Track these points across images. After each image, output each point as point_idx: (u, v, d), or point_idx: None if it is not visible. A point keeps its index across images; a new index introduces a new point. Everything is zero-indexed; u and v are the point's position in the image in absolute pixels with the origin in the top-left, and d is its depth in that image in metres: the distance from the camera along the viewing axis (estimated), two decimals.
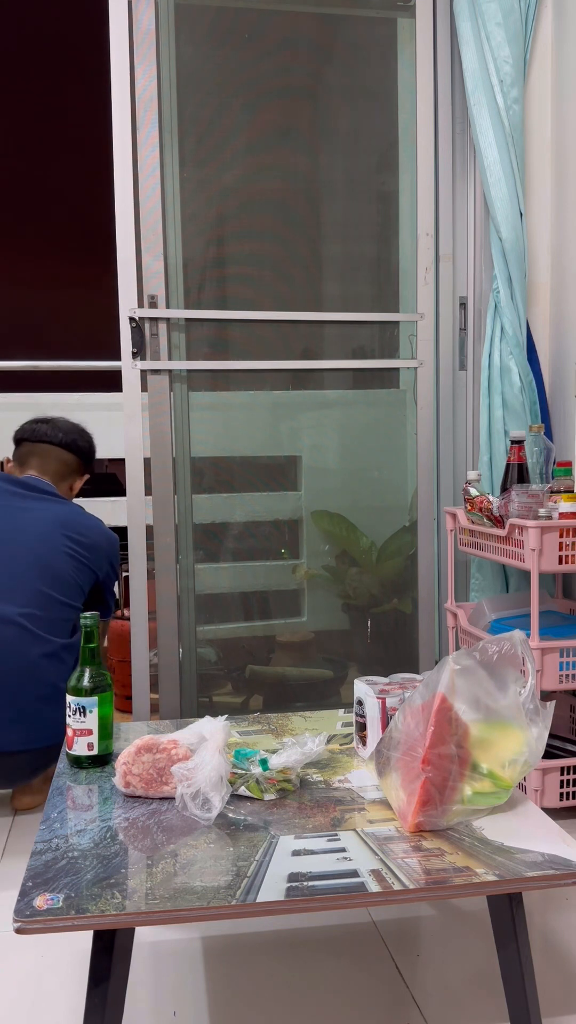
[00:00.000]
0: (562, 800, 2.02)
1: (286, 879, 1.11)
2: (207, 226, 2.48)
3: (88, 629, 1.50)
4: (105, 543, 2.22)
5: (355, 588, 2.68)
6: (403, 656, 2.67)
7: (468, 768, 1.26)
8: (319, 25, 2.51)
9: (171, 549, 2.46)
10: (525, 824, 1.27)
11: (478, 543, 2.26)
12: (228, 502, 2.56)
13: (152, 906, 1.06)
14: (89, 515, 2.25)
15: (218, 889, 1.09)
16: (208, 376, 2.49)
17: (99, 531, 2.23)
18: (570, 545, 1.95)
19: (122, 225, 2.37)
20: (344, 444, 2.61)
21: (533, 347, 2.48)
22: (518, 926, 1.21)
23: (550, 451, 2.26)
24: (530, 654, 1.32)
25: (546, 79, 2.50)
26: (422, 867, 1.14)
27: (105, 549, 2.22)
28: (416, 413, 2.58)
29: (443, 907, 1.69)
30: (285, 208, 2.54)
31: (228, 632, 2.61)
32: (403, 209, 2.59)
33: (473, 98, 2.40)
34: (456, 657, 1.28)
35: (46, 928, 1.04)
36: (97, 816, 1.30)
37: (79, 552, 2.14)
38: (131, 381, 2.41)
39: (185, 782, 1.29)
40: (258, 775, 1.36)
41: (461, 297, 2.58)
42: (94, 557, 2.18)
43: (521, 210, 2.40)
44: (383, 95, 2.57)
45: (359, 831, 1.25)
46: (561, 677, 1.97)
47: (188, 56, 2.42)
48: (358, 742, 1.53)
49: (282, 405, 2.57)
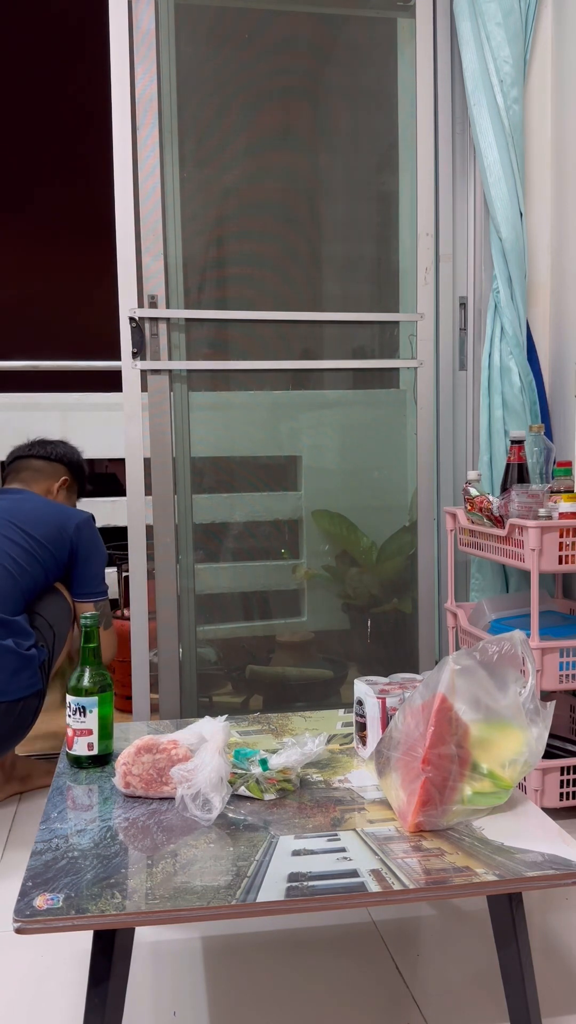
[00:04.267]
0: (562, 800, 2.02)
1: (286, 879, 1.11)
2: (207, 226, 2.48)
3: (88, 629, 1.50)
4: (59, 531, 2.18)
5: (355, 588, 2.68)
6: (403, 656, 2.67)
7: (468, 768, 1.26)
8: (319, 25, 2.51)
9: (171, 549, 2.46)
10: (525, 824, 1.27)
11: (478, 543, 2.26)
12: (228, 502, 2.56)
13: (152, 906, 1.06)
14: (49, 504, 2.23)
15: (218, 889, 1.09)
16: (208, 376, 2.49)
17: (53, 521, 2.19)
18: (570, 545, 1.95)
19: (122, 225, 2.37)
20: (344, 444, 2.61)
21: (533, 347, 2.48)
22: (518, 926, 1.21)
23: (550, 451, 2.26)
24: (530, 654, 1.32)
25: (546, 79, 2.50)
26: (422, 867, 1.14)
27: (67, 534, 2.19)
28: (416, 413, 2.58)
29: (443, 907, 1.69)
30: (285, 208, 2.54)
31: (228, 632, 2.61)
32: (403, 209, 2.59)
33: (473, 98, 2.40)
34: (456, 657, 1.28)
35: (46, 928, 1.04)
36: (97, 816, 1.30)
37: (29, 544, 2.12)
38: (131, 381, 2.41)
39: (185, 783, 1.29)
40: (258, 775, 1.36)
41: (461, 297, 2.58)
42: (48, 547, 2.15)
43: (521, 210, 2.40)
44: (383, 95, 2.57)
45: (359, 831, 1.25)
46: (561, 677, 1.97)
47: (188, 56, 2.42)
48: (358, 742, 1.53)
49: (282, 405, 2.57)
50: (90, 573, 2.25)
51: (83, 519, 2.23)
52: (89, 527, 2.24)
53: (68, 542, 2.19)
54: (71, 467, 2.42)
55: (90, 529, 2.25)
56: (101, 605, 2.27)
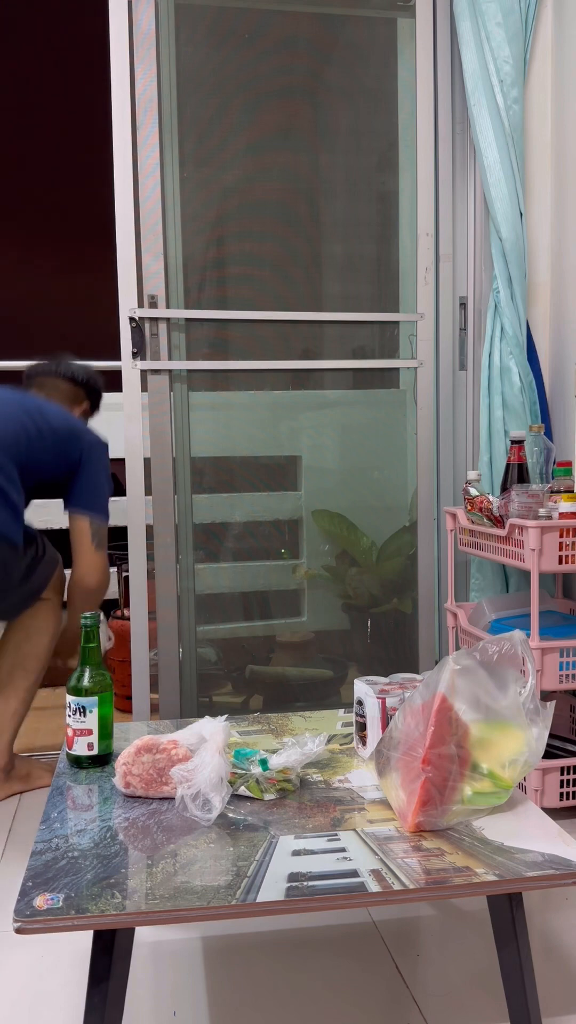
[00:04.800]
0: (562, 800, 2.02)
1: (286, 879, 1.11)
2: (207, 226, 2.48)
3: (88, 629, 1.50)
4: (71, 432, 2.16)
5: (355, 588, 2.68)
6: (403, 656, 2.67)
7: (468, 768, 1.26)
8: (319, 25, 2.51)
9: (171, 549, 2.46)
10: (525, 824, 1.27)
11: (478, 543, 2.26)
12: (228, 502, 2.56)
13: (152, 906, 1.06)
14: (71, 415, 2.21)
15: (218, 889, 1.09)
16: (208, 376, 2.49)
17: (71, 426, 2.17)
18: (570, 545, 1.95)
19: (122, 225, 2.37)
20: (344, 444, 2.61)
21: (533, 347, 2.48)
22: (518, 926, 1.21)
23: (550, 451, 2.27)
24: (530, 654, 1.32)
25: (546, 79, 2.50)
26: (422, 867, 1.14)
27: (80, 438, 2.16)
28: (416, 413, 2.58)
29: (443, 907, 1.69)
30: (285, 208, 2.54)
31: (228, 632, 2.61)
32: (403, 209, 2.59)
33: (473, 98, 2.40)
34: (456, 657, 1.28)
35: (46, 928, 1.04)
36: (97, 816, 1.30)
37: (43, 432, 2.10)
38: (131, 381, 2.41)
39: (185, 783, 1.29)
40: (258, 775, 1.36)
41: (461, 297, 2.58)
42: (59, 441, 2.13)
43: (521, 210, 2.40)
44: (383, 95, 2.57)
45: (359, 831, 1.25)
46: (561, 677, 1.98)
47: (188, 56, 2.42)
48: (358, 742, 1.53)
49: (282, 405, 2.57)
50: (91, 484, 2.19)
51: (99, 439, 2.20)
52: (102, 448, 2.21)
53: (79, 449, 2.15)
54: (92, 395, 2.39)
55: (103, 450, 2.22)
56: (97, 524, 2.20)
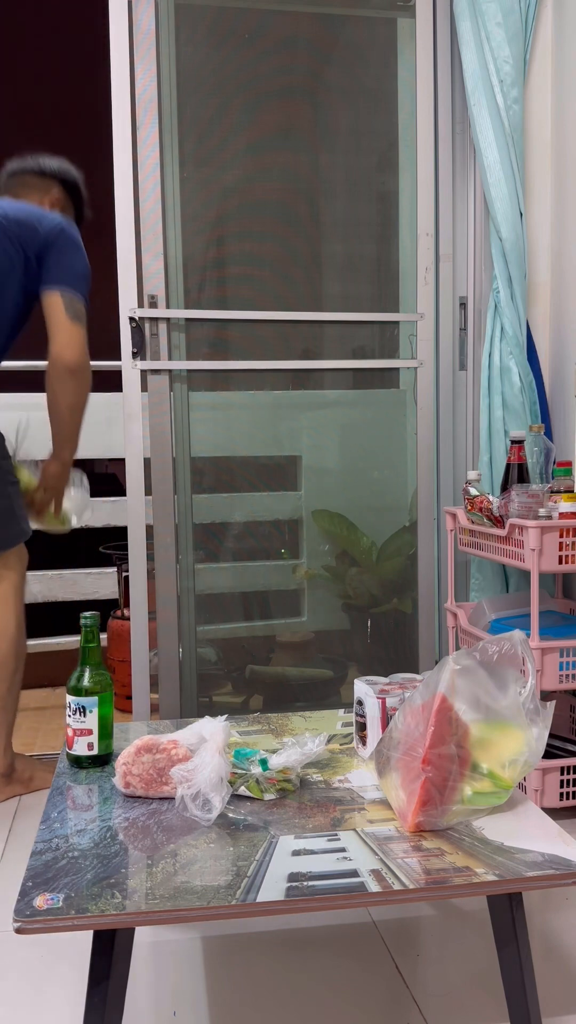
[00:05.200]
0: (562, 800, 2.02)
1: (286, 879, 1.11)
2: (207, 226, 2.48)
3: (88, 629, 1.50)
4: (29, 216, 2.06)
5: (355, 588, 2.68)
6: (403, 656, 2.67)
7: (468, 768, 1.26)
8: (319, 25, 2.51)
9: (171, 549, 2.46)
10: (525, 824, 1.27)
11: (478, 543, 2.26)
12: (228, 502, 2.56)
13: (152, 906, 1.06)
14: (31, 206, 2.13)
15: (218, 889, 1.09)
16: (208, 376, 2.49)
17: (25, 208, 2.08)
18: (570, 545, 1.95)
19: (122, 225, 2.37)
20: (344, 444, 2.61)
21: (533, 347, 2.48)
22: (518, 926, 1.21)
23: (550, 451, 2.27)
24: (530, 654, 1.32)
25: (546, 79, 2.50)
26: (422, 867, 1.14)
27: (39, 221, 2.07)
28: (416, 413, 2.58)
29: (443, 907, 1.70)
30: (285, 208, 2.54)
31: (228, 632, 2.61)
32: (403, 209, 2.59)
33: (473, 98, 2.40)
34: (456, 657, 1.28)
35: (46, 928, 1.04)
36: (97, 816, 1.30)
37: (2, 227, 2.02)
38: (131, 381, 2.41)
39: (185, 783, 1.29)
40: (258, 775, 1.36)
41: (461, 297, 2.58)
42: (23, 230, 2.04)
43: (521, 210, 2.40)
44: (383, 95, 2.57)
45: (359, 831, 1.25)
46: (561, 677, 1.98)
47: (188, 56, 2.42)
48: (358, 742, 1.53)
49: (282, 405, 2.57)
50: (61, 263, 2.08)
51: (65, 221, 2.09)
52: (68, 227, 2.10)
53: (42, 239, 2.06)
54: (65, 184, 2.29)
55: (70, 229, 2.11)
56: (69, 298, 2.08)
